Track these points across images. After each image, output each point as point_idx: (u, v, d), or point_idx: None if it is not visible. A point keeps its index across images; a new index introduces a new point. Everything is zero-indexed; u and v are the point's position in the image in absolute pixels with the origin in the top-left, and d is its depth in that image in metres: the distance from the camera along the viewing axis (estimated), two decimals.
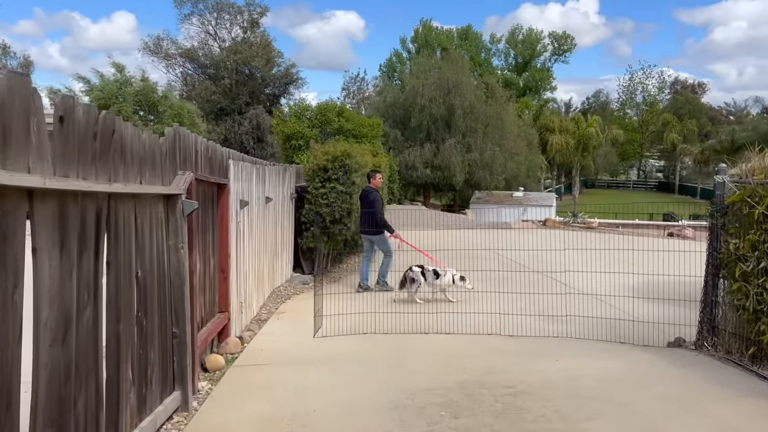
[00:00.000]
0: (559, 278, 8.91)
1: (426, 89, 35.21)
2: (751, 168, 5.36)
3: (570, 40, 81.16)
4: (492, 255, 10.62)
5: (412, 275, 8.82)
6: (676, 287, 7.17)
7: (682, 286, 7.18)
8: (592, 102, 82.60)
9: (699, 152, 66.10)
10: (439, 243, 9.87)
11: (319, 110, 28.67)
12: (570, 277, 8.23)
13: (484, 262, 9.74)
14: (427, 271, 8.81)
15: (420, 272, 8.83)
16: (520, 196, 40.17)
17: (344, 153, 10.33)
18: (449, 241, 10.19)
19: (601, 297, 8.08)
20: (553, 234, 18.32)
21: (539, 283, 8.55)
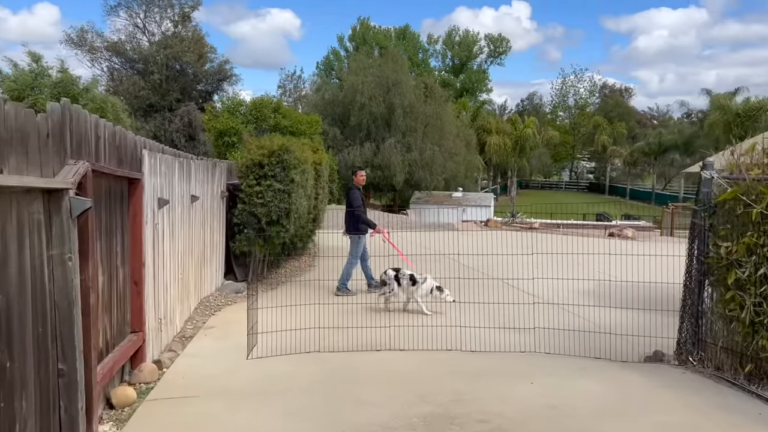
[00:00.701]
0: (519, 285, 8.23)
1: (366, 87, 34.37)
2: (745, 162, 4.77)
3: (505, 43, 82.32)
4: (443, 260, 9.90)
5: (384, 278, 8.02)
6: (644, 294, 6.61)
7: (651, 293, 6.63)
8: (526, 104, 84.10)
9: (628, 154, 68.15)
10: (386, 247, 9.07)
11: (254, 106, 27.35)
12: (530, 284, 7.56)
13: (435, 268, 8.99)
14: (403, 276, 7.95)
15: (394, 276, 7.98)
16: (459, 196, 39.94)
17: (282, 147, 9.33)
18: (396, 245, 9.39)
19: (566, 306, 7.44)
20: (497, 235, 17.80)
21: (498, 290, 7.83)
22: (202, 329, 7.20)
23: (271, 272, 10.85)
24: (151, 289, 5.84)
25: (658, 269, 6.97)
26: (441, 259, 9.70)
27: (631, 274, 6.40)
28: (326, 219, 13.89)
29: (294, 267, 11.83)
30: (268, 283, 10.05)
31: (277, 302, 6.60)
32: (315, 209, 12.36)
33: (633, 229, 21.00)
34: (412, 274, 8.05)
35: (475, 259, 8.99)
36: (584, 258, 6.96)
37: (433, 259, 8.41)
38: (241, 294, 9.33)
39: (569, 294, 8.22)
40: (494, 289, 7.58)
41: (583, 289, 8.26)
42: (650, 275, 6.17)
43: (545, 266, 7.14)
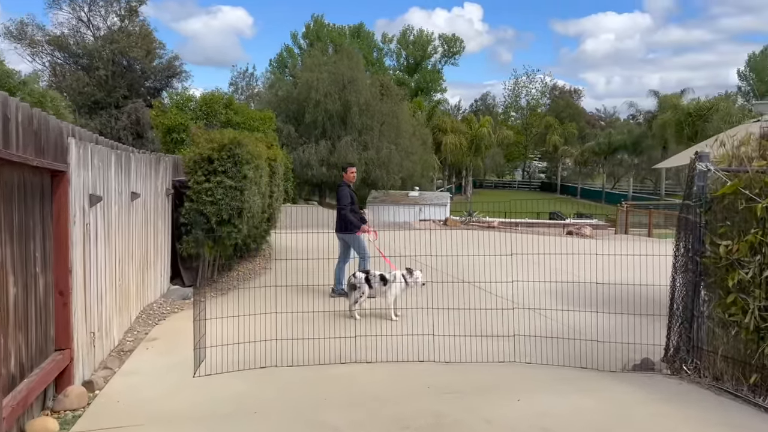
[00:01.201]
0: (491, 288, 7.74)
1: (321, 84, 33.61)
2: (746, 153, 4.37)
3: (459, 43, 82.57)
4: (407, 262, 9.30)
5: (354, 282, 7.45)
6: (620, 296, 6.21)
7: (628, 295, 6.25)
8: (480, 105, 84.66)
9: (579, 154, 69.30)
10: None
11: (204, 101, 26.27)
12: (502, 287, 7.08)
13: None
14: (373, 277, 7.45)
15: (364, 279, 7.46)
16: (416, 195, 39.58)
17: (233, 141, 8.59)
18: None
19: (542, 311, 6.98)
20: (458, 234, 17.43)
21: (468, 294, 7.33)
22: (143, 341, 6.43)
23: (222, 276, 10.09)
24: (81, 299, 5.08)
25: (631, 269, 6.61)
26: (405, 262, 9.14)
27: (604, 274, 6.01)
28: (282, 218, 13.21)
29: (247, 270, 11.08)
30: (218, 288, 9.30)
31: (228, 311, 5.91)
32: (270, 208, 11.64)
33: (590, 227, 20.95)
34: (382, 274, 7.56)
35: (440, 261, 8.47)
36: (552, 258, 6.55)
37: (397, 261, 7.85)
38: (188, 300, 8.55)
39: (542, 296, 7.79)
40: (465, 292, 7.07)
41: (556, 291, 7.85)
42: (624, 276, 5.79)
43: (515, 267, 6.67)
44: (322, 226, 21.09)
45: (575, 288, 7.07)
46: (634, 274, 6.71)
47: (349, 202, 8.91)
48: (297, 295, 7.21)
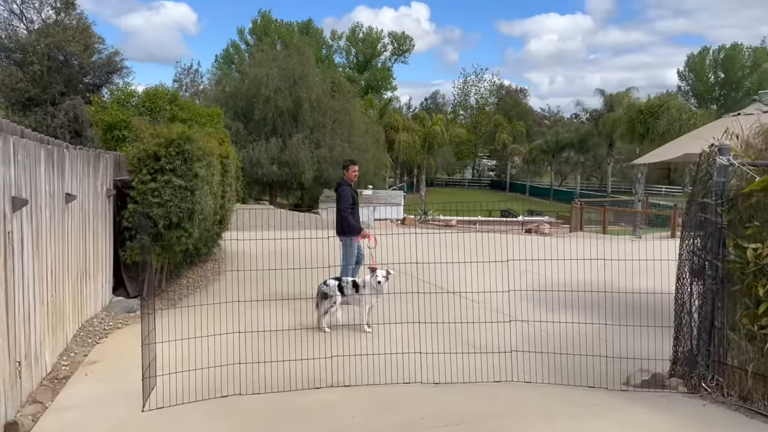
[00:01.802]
0: (476, 298, 7.16)
1: (271, 79, 32.50)
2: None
3: (408, 41, 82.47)
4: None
5: (325, 290, 6.78)
6: (612, 303, 5.72)
7: (619, 302, 5.78)
8: (430, 103, 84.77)
9: (527, 152, 70.18)
10: (307, 251, 7.68)
11: (148, 97, 24.94)
12: (490, 296, 6.51)
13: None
14: (346, 284, 6.88)
15: (336, 286, 6.85)
16: (369, 194, 38.95)
17: (182, 136, 7.74)
18: (318, 249, 8.03)
19: (532, 323, 6.43)
20: (420, 235, 16.87)
21: (452, 305, 6.72)
22: (82, 366, 5.56)
23: (171, 285, 9.19)
24: (3, 323, 4.21)
25: (620, 273, 6.16)
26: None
27: (591, 279, 5.52)
28: (234, 220, 12.33)
29: (198, 277, 10.20)
30: (167, 298, 8.42)
31: (181, 328, 5.11)
32: (222, 209, 10.79)
33: (549, 225, 20.81)
34: (354, 280, 6.99)
35: (418, 268, 7.83)
36: (531, 261, 6.03)
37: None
38: (133, 314, 7.66)
39: (528, 305, 7.28)
40: (447, 303, 6.48)
41: (543, 299, 7.35)
42: (613, 280, 5.31)
43: (497, 273, 6.12)
44: (276, 228, 20.24)
45: (563, 295, 6.57)
46: (624, 279, 6.26)
47: (350, 204, 8.19)
48: (259, 309, 6.46)
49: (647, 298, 5.68)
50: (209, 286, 9.52)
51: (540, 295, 7.27)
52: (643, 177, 26.14)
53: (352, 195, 8.30)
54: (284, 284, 7.33)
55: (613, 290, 5.93)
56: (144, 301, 7.85)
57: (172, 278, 9.41)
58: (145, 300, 7.94)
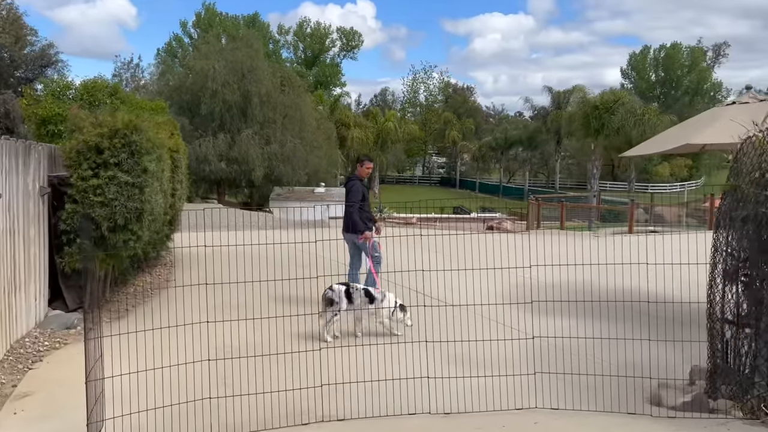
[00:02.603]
0: (481, 312, 6.47)
1: (218, 72, 31.13)
2: None
3: (357, 37, 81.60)
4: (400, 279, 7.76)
5: (331, 295, 6.17)
6: (614, 312, 5.17)
7: (624, 310, 5.25)
8: (379, 100, 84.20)
9: (477, 149, 70.55)
10: (276, 255, 6.84)
11: (86, 89, 23.30)
12: (494, 308, 5.86)
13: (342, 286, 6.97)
14: (355, 290, 6.31)
15: (344, 291, 6.25)
16: (322, 192, 38.02)
17: (129, 125, 6.78)
18: (280, 252, 7.18)
19: (547, 338, 5.80)
20: (394, 238, 16.15)
21: (450, 318, 6.01)
22: (10, 401, 4.61)
23: (116, 294, 8.18)
24: None
25: (618, 275, 5.64)
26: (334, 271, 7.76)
27: (588, 280, 4.95)
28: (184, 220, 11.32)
29: (146, 284, 9.21)
30: (113, 311, 7.43)
31: (134, 351, 4.23)
32: (172, 209, 9.81)
33: (510, 222, 20.49)
34: (367, 289, 6.39)
35: (401, 275, 7.11)
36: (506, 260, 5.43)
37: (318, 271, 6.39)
38: (74, 330, 6.68)
39: (529, 315, 6.67)
40: (443, 316, 5.78)
41: (544, 308, 6.75)
42: (615, 283, 4.75)
43: (485, 278, 5.48)
44: (228, 228, 19.14)
45: (567, 302, 5.99)
46: (625, 281, 5.74)
47: (359, 199, 7.65)
48: (227, 326, 5.60)
49: (657, 307, 5.15)
50: (160, 295, 8.56)
51: (549, 305, 6.68)
52: (598, 173, 26.24)
53: (362, 191, 7.78)
54: (251, 294, 6.49)
55: (614, 295, 5.41)
56: (86, 315, 6.87)
57: (118, 286, 8.40)
58: (87, 313, 6.96)
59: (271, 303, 6.31)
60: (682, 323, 5.08)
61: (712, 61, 75.74)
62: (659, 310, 5.70)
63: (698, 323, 4.44)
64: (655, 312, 5.63)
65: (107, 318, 6.99)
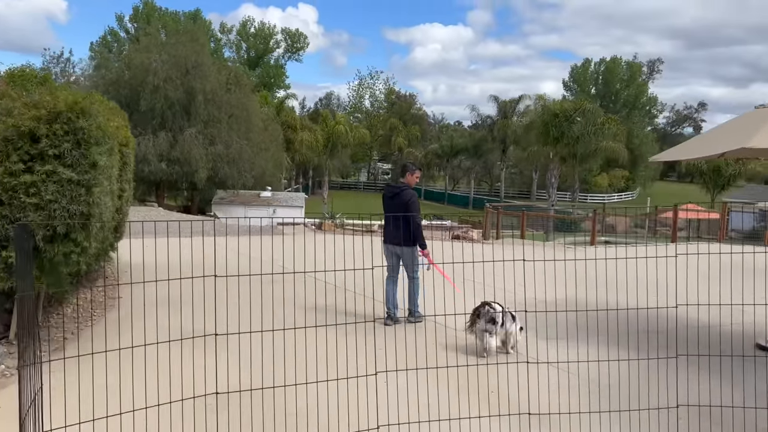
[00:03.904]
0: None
1: (160, 67, 29.13)
2: None
3: (303, 39, 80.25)
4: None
5: (493, 315, 5.66)
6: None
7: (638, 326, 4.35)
8: (325, 104, 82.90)
9: (423, 156, 70.26)
10: (226, 265, 5.59)
11: (11, 78, 21.12)
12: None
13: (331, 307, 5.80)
14: (504, 314, 5.77)
15: (501, 313, 5.74)
16: (268, 195, 36.42)
17: (74, 107, 5.39)
18: (246, 263, 5.94)
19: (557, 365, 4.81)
20: (358, 243, 14.99)
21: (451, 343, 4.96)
22: None
23: (53, 316, 6.70)
24: None
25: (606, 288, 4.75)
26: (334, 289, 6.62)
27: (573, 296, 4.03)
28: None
29: (86, 302, 7.71)
30: (55, 337, 5.98)
31: (83, 395, 2.94)
32: (119, 213, 8.37)
33: (474, 231, 19.71)
34: (511, 312, 5.82)
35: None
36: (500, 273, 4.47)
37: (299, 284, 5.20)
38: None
39: (531, 337, 5.68)
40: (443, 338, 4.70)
41: (540, 328, 5.78)
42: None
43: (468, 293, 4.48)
44: (171, 233, 17.44)
45: (572, 318, 5.02)
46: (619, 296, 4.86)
47: (418, 211, 7.26)
48: (193, 353, 4.30)
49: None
50: (107, 316, 7.12)
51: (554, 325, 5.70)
52: (556, 182, 25.96)
53: (418, 202, 7.35)
54: (220, 314, 5.21)
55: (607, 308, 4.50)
56: (20, 348, 5.43)
57: (52, 307, 6.92)
58: (20, 346, 5.51)
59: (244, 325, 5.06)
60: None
61: (647, 77, 78.54)
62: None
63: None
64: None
65: (50, 349, 5.56)
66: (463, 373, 4.48)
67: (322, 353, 4.76)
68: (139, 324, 5.19)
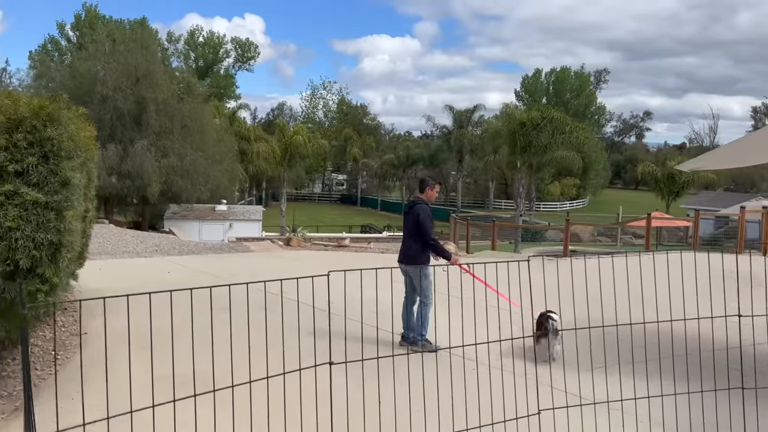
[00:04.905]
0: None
1: (109, 75, 27.52)
2: None
3: (253, 48, 78.93)
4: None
5: (555, 325, 5.80)
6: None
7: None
8: (277, 114, 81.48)
9: (378, 166, 69.74)
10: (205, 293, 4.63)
11: None
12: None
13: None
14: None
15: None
16: (224, 209, 35.00)
17: (40, 113, 4.40)
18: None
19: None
20: (334, 259, 14.12)
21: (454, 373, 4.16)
22: None
23: (4, 363, 5.60)
24: None
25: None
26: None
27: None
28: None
29: (45, 342, 6.59)
30: (13, 394, 4.91)
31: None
32: (84, 236, 7.29)
33: (454, 243, 19.08)
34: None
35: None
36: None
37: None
38: None
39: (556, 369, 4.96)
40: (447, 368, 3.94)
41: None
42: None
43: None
44: (128, 252, 16.05)
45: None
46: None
47: (430, 224, 6.63)
48: (184, 407, 3.35)
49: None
50: (73, 360, 6.05)
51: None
52: (524, 191, 25.70)
53: (430, 215, 6.72)
54: (212, 352, 4.27)
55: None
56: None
57: (8, 351, 5.81)
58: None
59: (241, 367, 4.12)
60: None
61: (595, 87, 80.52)
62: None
63: None
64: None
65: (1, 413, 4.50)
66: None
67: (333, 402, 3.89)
68: (114, 373, 4.17)
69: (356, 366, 3.71)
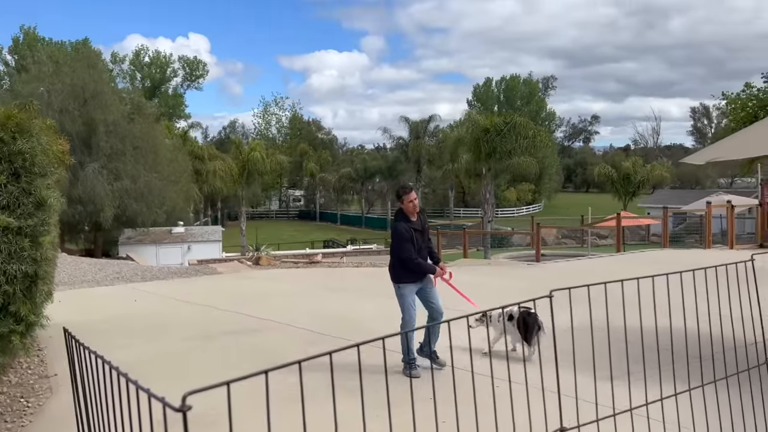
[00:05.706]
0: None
1: (54, 97, 26.21)
2: None
3: (202, 66, 77.46)
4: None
5: (539, 320, 5.75)
6: None
7: None
8: (229, 132, 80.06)
9: (336, 180, 69.17)
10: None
11: None
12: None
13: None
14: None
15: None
16: (181, 231, 33.82)
17: (8, 121, 3.75)
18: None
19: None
20: (310, 276, 13.46)
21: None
22: None
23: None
24: None
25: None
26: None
27: None
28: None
29: (13, 387, 5.80)
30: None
31: None
32: (49, 263, 6.50)
33: None
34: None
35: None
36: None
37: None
38: None
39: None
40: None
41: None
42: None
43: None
44: (81, 282, 15.00)
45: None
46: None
47: (409, 240, 5.84)
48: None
49: None
50: (45, 408, 5.29)
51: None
52: (491, 198, 25.58)
53: (410, 232, 5.88)
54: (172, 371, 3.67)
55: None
56: None
57: None
58: None
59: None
60: None
61: (544, 93, 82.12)
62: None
63: None
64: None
65: None
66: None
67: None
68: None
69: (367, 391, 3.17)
